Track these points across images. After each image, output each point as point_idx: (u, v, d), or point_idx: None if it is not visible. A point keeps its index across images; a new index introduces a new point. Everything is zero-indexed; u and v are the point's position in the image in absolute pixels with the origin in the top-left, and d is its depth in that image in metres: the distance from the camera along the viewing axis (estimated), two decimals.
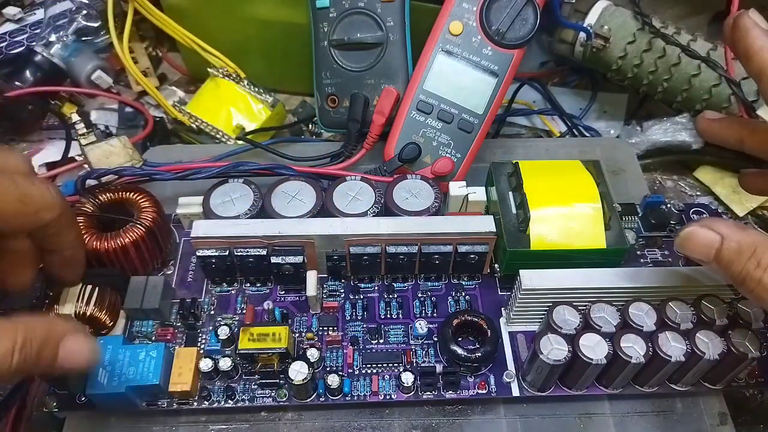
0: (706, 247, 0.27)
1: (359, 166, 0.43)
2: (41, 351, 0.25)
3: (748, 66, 0.28)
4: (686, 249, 0.28)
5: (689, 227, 0.28)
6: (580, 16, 0.49)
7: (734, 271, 0.27)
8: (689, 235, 0.28)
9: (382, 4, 0.42)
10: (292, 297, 0.37)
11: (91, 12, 0.54)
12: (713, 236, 0.27)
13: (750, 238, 0.27)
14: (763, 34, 0.27)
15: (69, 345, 0.26)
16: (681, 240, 0.28)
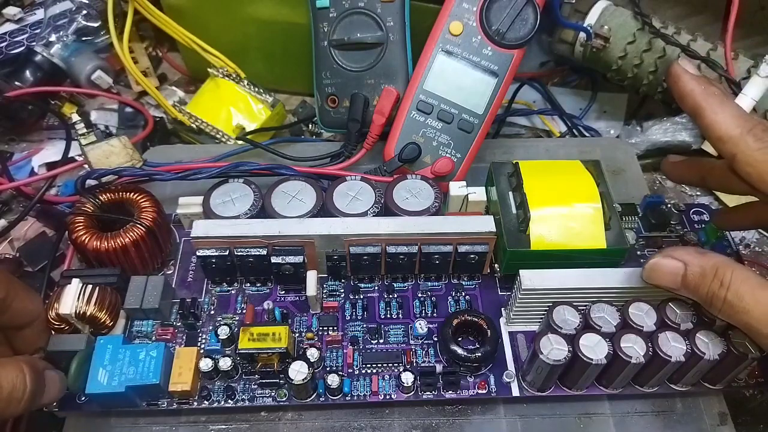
0: (671, 275, 0.29)
1: (359, 166, 0.43)
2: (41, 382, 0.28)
3: (684, 107, 0.30)
4: (653, 280, 0.30)
5: (652, 259, 0.29)
6: (580, 16, 0.49)
7: (701, 294, 0.28)
8: (654, 267, 0.29)
9: (382, 4, 0.42)
10: (292, 297, 0.37)
11: (91, 12, 0.54)
12: (676, 264, 0.28)
13: (711, 261, 0.28)
14: (691, 79, 0.30)
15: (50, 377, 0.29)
16: (647, 272, 0.30)
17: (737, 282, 0.27)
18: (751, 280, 0.27)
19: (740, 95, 0.30)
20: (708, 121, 0.29)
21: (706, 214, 0.42)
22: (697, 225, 0.41)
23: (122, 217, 0.36)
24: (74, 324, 0.33)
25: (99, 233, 0.35)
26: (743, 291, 0.27)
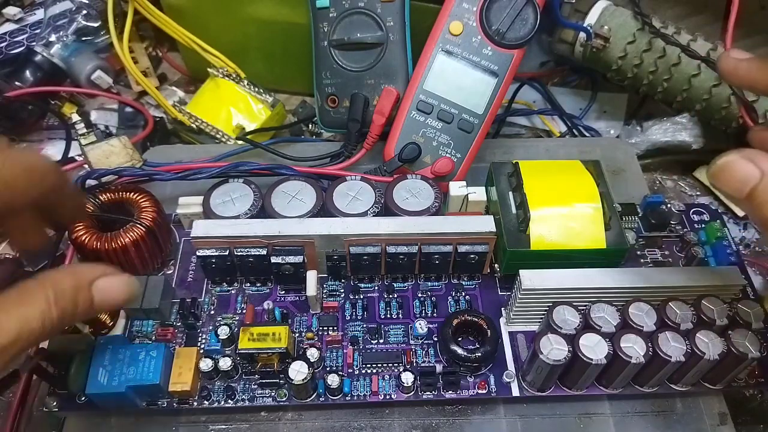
0: (742, 182, 0.24)
1: (359, 166, 0.43)
2: (76, 298, 0.25)
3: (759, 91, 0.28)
4: (719, 180, 0.25)
5: (728, 156, 0.25)
6: (580, 16, 0.49)
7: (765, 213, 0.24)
8: (726, 166, 0.25)
9: (382, 4, 0.42)
10: (292, 297, 0.37)
11: (91, 12, 0.54)
12: (754, 171, 0.24)
13: None
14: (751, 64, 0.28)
15: (101, 286, 0.26)
16: (716, 169, 0.25)
17: None
18: None
19: None
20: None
21: (706, 214, 0.42)
22: (697, 225, 0.41)
23: (122, 217, 0.36)
24: (74, 324, 0.33)
25: (99, 233, 0.35)
26: None
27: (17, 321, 0.23)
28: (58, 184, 0.29)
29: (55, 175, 0.29)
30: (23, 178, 0.27)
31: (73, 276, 0.26)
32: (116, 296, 0.27)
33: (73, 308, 0.25)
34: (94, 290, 0.26)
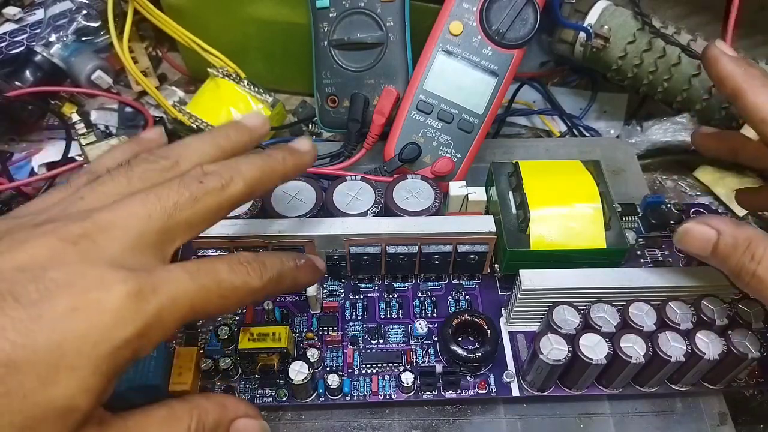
0: (703, 242, 0.28)
1: (359, 166, 0.43)
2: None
3: (722, 90, 0.30)
4: (684, 244, 0.29)
5: (686, 224, 0.29)
6: (580, 16, 0.49)
7: (730, 265, 0.28)
8: (686, 231, 0.29)
9: (382, 4, 0.42)
10: (292, 297, 0.37)
11: (91, 12, 0.54)
12: (710, 232, 0.28)
13: (745, 233, 0.27)
14: (730, 61, 0.29)
15: (240, 427, 0.25)
16: (679, 236, 0.29)
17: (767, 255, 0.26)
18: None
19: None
20: (750, 102, 0.28)
21: (706, 214, 0.42)
22: None
23: None
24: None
25: None
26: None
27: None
28: None
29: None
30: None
31: (220, 410, 0.24)
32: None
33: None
34: (232, 430, 0.25)
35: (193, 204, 0.23)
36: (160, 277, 0.21)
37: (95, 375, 0.19)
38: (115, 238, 0.21)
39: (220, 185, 0.23)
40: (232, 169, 0.24)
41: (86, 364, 0.19)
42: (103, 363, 0.19)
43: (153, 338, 0.21)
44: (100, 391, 0.20)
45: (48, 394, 0.18)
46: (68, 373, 0.18)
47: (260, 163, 0.26)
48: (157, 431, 0.22)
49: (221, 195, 0.23)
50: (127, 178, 0.23)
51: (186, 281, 0.21)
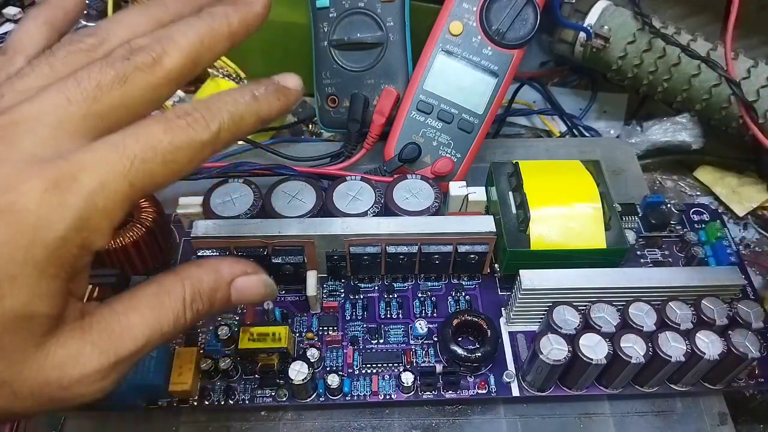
0: None
1: (359, 166, 0.43)
2: (213, 298, 0.23)
3: None
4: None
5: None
6: (580, 16, 0.49)
7: None
8: None
9: (382, 4, 0.42)
10: (292, 297, 0.37)
11: (91, 12, 0.54)
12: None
13: None
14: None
15: (240, 285, 0.24)
16: None
17: None
18: None
19: None
20: None
21: (706, 214, 0.42)
22: (697, 225, 0.41)
23: None
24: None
25: None
26: None
27: (149, 326, 0.21)
28: None
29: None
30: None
31: (214, 273, 0.23)
32: (254, 296, 0.25)
33: (208, 309, 0.23)
34: (233, 290, 0.24)
35: (122, 84, 0.20)
36: (81, 162, 0.18)
37: (43, 279, 0.18)
38: (30, 131, 0.19)
39: (150, 59, 0.20)
40: (163, 39, 0.21)
41: (26, 271, 0.18)
42: (46, 265, 0.18)
43: (98, 227, 0.19)
44: (57, 292, 0.19)
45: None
46: (11, 282, 0.18)
47: (197, 25, 0.22)
48: (149, 309, 0.21)
49: (154, 70, 0.20)
50: (49, 66, 0.21)
51: (112, 158, 0.19)
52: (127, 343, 0.21)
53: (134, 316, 0.21)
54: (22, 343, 0.18)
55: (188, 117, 0.20)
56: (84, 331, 0.20)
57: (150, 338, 0.21)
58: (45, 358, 0.19)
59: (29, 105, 0.19)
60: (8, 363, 0.18)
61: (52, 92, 0.19)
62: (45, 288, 0.18)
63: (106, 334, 0.20)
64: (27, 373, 0.19)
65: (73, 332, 0.20)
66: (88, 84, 0.19)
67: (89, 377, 0.20)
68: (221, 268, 0.23)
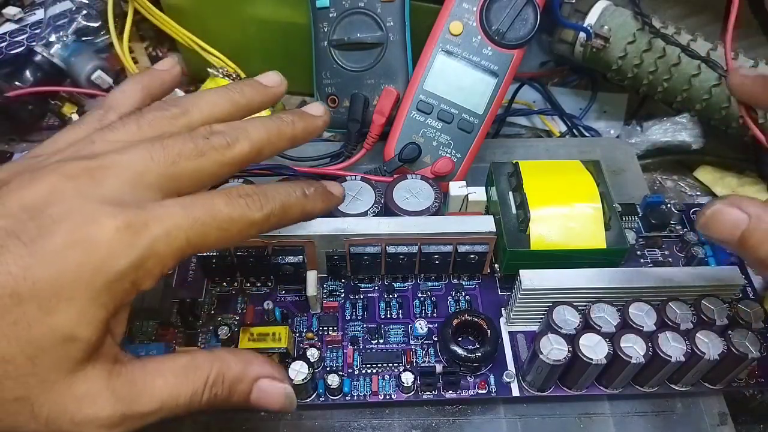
0: (731, 227, 0.25)
1: (359, 166, 0.43)
2: (233, 390, 0.24)
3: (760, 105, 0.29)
4: (710, 229, 0.25)
5: (714, 205, 0.25)
6: (580, 16, 0.49)
7: (761, 254, 0.24)
8: (715, 215, 0.25)
9: (382, 4, 0.42)
10: (292, 297, 0.37)
11: (91, 12, 0.54)
12: (740, 215, 0.25)
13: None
14: (755, 80, 0.28)
15: (263, 387, 0.24)
16: (706, 219, 0.25)
17: None
18: None
19: None
20: None
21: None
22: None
23: None
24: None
25: None
26: None
27: (169, 393, 0.22)
28: None
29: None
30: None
31: (243, 366, 0.24)
32: (273, 403, 0.25)
33: (226, 397, 0.23)
34: (255, 388, 0.24)
35: (197, 157, 0.23)
36: (153, 212, 0.21)
37: (94, 305, 0.20)
38: (114, 176, 0.22)
39: (225, 143, 0.24)
40: (238, 129, 0.25)
41: (83, 295, 0.20)
42: (101, 294, 0.20)
43: (151, 270, 0.21)
44: (101, 321, 0.20)
45: (49, 323, 0.19)
46: (67, 303, 0.20)
47: (269, 125, 0.26)
48: (174, 378, 0.22)
49: (225, 153, 0.24)
50: (137, 125, 0.24)
51: (179, 215, 0.22)
52: (144, 401, 0.21)
53: (159, 379, 0.22)
54: (58, 364, 0.20)
55: (248, 198, 0.24)
56: (111, 376, 0.21)
57: (164, 405, 0.22)
58: (69, 387, 0.20)
59: (118, 155, 0.22)
60: (40, 380, 0.20)
61: (140, 148, 0.22)
62: (93, 314, 0.20)
63: (128, 387, 0.21)
64: (50, 396, 0.20)
65: (101, 372, 0.21)
66: (172, 150, 0.23)
67: (99, 421, 0.21)
68: (253, 362, 0.25)
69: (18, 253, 0.19)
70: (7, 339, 0.19)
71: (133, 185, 0.22)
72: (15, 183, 0.21)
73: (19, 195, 0.21)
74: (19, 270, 0.19)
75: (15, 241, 0.20)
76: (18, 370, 0.19)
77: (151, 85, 0.28)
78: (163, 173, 0.23)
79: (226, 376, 0.23)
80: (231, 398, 0.24)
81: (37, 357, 0.19)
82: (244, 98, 0.27)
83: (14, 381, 0.19)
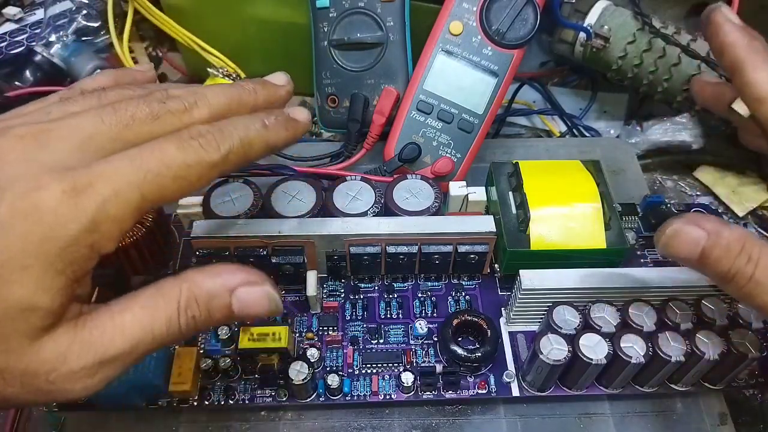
0: (691, 245, 0.25)
1: (359, 166, 0.43)
2: (210, 307, 0.23)
3: (721, 60, 0.28)
4: (671, 248, 0.26)
5: (673, 224, 0.26)
6: (580, 16, 0.49)
7: (722, 269, 0.25)
8: (675, 234, 0.25)
9: (382, 4, 0.42)
10: (292, 297, 0.37)
11: (91, 12, 0.54)
12: (699, 233, 0.25)
13: (736, 233, 0.25)
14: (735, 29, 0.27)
15: (242, 296, 0.23)
16: (666, 239, 0.26)
17: (765, 257, 0.24)
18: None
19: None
20: (749, 79, 0.26)
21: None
22: None
23: None
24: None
25: None
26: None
27: (141, 327, 0.21)
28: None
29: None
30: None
31: (214, 279, 0.23)
32: (257, 309, 0.24)
33: (206, 316, 0.23)
34: (234, 299, 0.23)
35: (151, 121, 0.22)
36: (98, 171, 0.20)
37: (49, 273, 0.19)
38: (61, 139, 0.21)
39: (182, 107, 0.23)
40: (197, 94, 0.24)
41: (36, 263, 0.19)
42: (56, 261, 0.19)
43: (108, 232, 0.20)
44: (61, 288, 0.20)
45: (5, 295, 0.19)
46: (20, 273, 0.19)
47: (229, 93, 0.25)
48: (141, 309, 0.21)
49: (182, 117, 0.23)
50: (98, 98, 0.23)
51: (128, 170, 0.20)
52: (116, 342, 0.21)
53: (127, 315, 0.21)
54: (20, 333, 0.19)
55: (201, 138, 0.22)
56: (77, 329, 0.21)
57: (141, 340, 0.21)
58: (37, 352, 0.20)
59: (67, 119, 0.21)
60: (4, 350, 0.19)
61: (90, 113, 0.22)
62: (50, 282, 0.20)
63: (97, 333, 0.21)
64: (18, 363, 0.20)
65: (66, 330, 0.20)
66: (124, 114, 0.22)
67: (75, 374, 0.20)
68: (223, 274, 0.23)
69: None
70: None
71: (82, 149, 0.21)
72: None
73: None
74: None
75: None
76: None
77: (123, 80, 0.27)
78: (115, 137, 0.21)
79: (198, 294, 0.22)
80: (212, 316, 0.23)
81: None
82: (250, 97, 0.26)
83: None
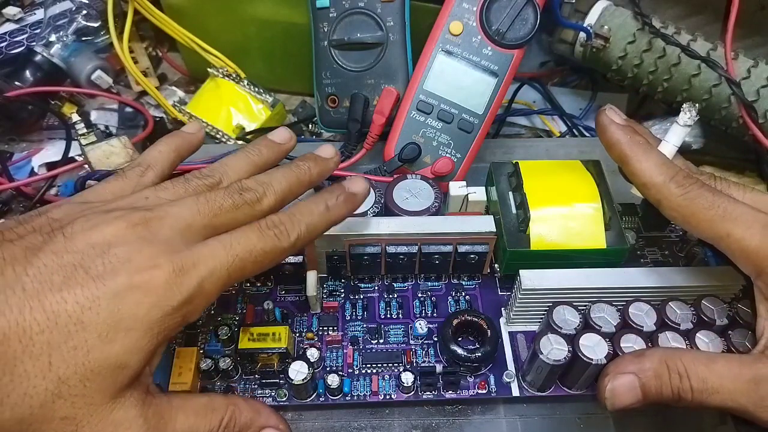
0: (631, 393, 0.27)
1: (359, 166, 0.43)
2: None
3: (611, 155, 0.31)
4: (620, 405, 0.28)
5: (607, 386, 0.28)
6: (580, 16, 0.49)
7: (666, 395, 0.27)
8: (613, 394, 0.28)
9: (382, 4, 0.42)
10: (292, 297, 0.37)
11: (91, 12, 0.54)
12: (627, 379, 0.27)
13: (655, 357, 0.27)
14: (617, 129, 0.30)
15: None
16: (611, 401, 0.28)
17: (691, 365, 0.27)
18: (699, 357, 0.27)
19: (663, 143, 0.31)
20: (633, 169, 0.30)
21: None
22: None
23: None
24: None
25: None
26: (700, 372, 0.26)
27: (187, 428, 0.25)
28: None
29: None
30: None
31: (254, 414, 0.27)
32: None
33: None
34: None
35: (233, 210, 0.27)
36: (200, 254, 0.24)
37: (147, 337, 0.23)
38: (168, 226, 0.25)
39: (255, 198, 0.28)
40: (264, 184, 0.28)
41: (140, 327, 0.22)
42: (155, 326, 0.23)
43: (198, 305, 0.24)
44: (149, 351, 0.23)
45: (106, 350, 0.22)
46: (124, 333, 0.22)
47: (289, 176, 0.30)
48: (194, 416, 0.25)
49: (255, 206, 0.28)
50: (184, 187, 0.28)
51: (221, 254, 0.25)
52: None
53: (181, 415, 0.25)
54: (106, 388, 0.22)
55: (275, 229, 0.27)
56: (145, 406, 0.24)
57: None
58: (110, 412, 0.22)
59: (171, 208, 0.26)
60: (87, 402, 0.22)
61: (188, 203, 0.26)
62: (145, 345, 0.23)
63: (157, 417, 0.24)
64: (93, 419, 0.22)
65: (137, 401, 0.23)
66: (213, 204, 0.26)
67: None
68: (262, 411, 0.28)
69: (86, 285, 0.22)
70: (66, 362, 0.21)
71: (184, 234, 0.25)
72: (79, 225, 0.24)
73: (86, 235, 0.23)
74: (86, 301, 0.22)
75: (83, 275, 0.22)
76: (70, 391, 0.21)
77: (182, 147, 0.32)
78: (207, 224, 0.26)
79: (237, 420, 0.26)
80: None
81: (89, 380, 0.22)
82: (262, 158, 0.31)
83: (65, 400, 0.21)
